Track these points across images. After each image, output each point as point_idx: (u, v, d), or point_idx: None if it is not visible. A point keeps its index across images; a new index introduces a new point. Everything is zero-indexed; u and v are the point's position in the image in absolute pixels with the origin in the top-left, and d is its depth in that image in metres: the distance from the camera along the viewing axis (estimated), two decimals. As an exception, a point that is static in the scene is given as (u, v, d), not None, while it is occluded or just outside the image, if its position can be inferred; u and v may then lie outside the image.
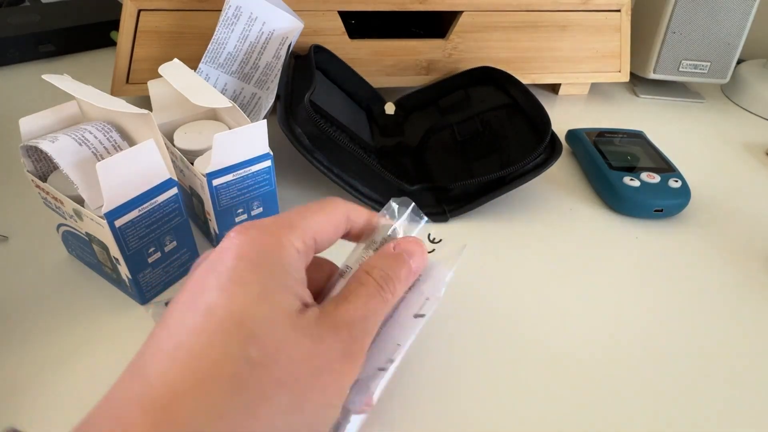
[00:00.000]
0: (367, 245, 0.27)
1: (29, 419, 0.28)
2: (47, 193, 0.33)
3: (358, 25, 0.60)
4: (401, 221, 0.27)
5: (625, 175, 0.45)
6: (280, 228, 0.23)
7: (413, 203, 0.28)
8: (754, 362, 0.33)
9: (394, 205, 0.28)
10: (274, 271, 0.22)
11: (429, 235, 0.28)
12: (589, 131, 0.52)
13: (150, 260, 0.34)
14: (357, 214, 0.26)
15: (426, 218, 0.28)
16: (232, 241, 0.23)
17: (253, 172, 0.36)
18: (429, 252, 0.27)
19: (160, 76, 0.37)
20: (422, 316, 0.26)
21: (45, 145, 0.30)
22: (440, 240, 0.28)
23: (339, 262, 0.27)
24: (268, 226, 0.23)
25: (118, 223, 0.30)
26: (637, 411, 0.30)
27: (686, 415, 0.30)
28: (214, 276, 0.21)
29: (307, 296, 0.23)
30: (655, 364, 0.33)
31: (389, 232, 0.27)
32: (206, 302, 0.21)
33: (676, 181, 0.44)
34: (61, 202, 0.32)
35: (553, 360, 0.32)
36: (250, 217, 0.38)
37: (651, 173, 0.45)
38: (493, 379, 0.31)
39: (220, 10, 0.46)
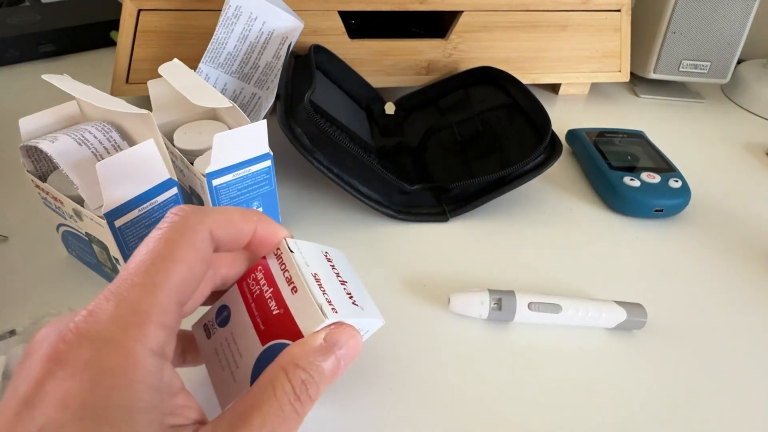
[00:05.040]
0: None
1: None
2: (47, 193, 0.33)
3: (358, 25, 0.60)
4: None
5: (625, 175, 0.45)
6: (125, 329, 0.17)
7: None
8: (754, 362, 0.33)
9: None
10: (118, 421, 0.16)
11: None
12: (589, 131, 0.52)
13: (150, 260, 0.34)
14: (222, 226, 0.22)
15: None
16: (52, 369, 0.17)
17: (253, 172, 0.36)
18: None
19: (160, 76, 0.37)
20: None
21: (45, 145, 0.30)
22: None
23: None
24: (107, 331, 0.17)
25: (118, 223, 0.30)
26: (635, 408, 0.30)
27: (686, 414, 0.30)
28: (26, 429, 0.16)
29: (183, 415, 0.19)
30: (655, 363, 0.33)
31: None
32: None
33: (676, 181, 0.44)
34: (61, 202, 0.32)
35: (552, 357, 0.32)
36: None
37: (651, 173, 0.45)
38: (495, 378, 0.31)
39: (220, 10, 0.46)
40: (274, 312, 0.23)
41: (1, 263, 0.37)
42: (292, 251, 0.24)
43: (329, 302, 0.23)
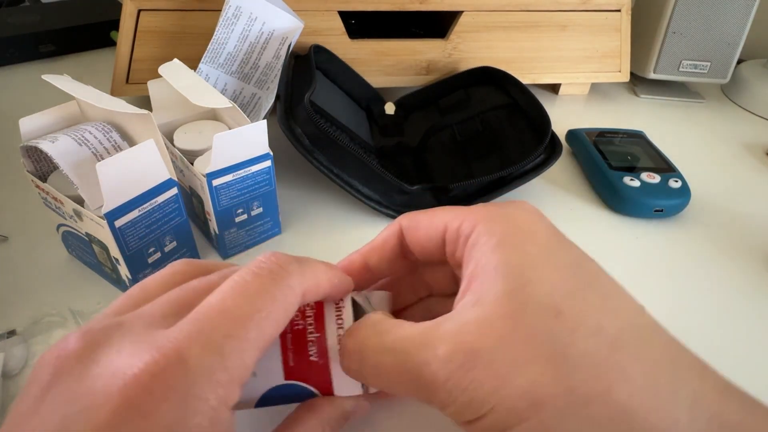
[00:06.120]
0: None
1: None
2: (47, 193, 0.33)
3: (358, 25, 0.60)
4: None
5: (625, 175, 0.45)
6: (215, 389, 0.17)
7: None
8: (754, 362, 0.33)
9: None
10: None
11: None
12: (589, 131, 0.52)
13: (150, 260, 0.34)
14: (311, 291, 0.21)
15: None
16: (128, 416, 0.16)
17: (253, 172, 0.36)
18: None
19: (160, 76, 0.37)
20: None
21: (45, 146, 0.30)
22: None
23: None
24: (195, 386, 0.17)
25: (118, 223, 0.30)
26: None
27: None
28: None
29: None
30: (655, 364, 0.33)
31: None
32: None
33: (676, 181, 0.45)
34: (61, 202, 0.32)
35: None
36: (250, 218, 0.38)
37: (651, 173, 0.45)
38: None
39: (220, 10, 0.46)
40: (311, 358, 0.23)
41: (1, 263, 0.37)
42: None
43: None
